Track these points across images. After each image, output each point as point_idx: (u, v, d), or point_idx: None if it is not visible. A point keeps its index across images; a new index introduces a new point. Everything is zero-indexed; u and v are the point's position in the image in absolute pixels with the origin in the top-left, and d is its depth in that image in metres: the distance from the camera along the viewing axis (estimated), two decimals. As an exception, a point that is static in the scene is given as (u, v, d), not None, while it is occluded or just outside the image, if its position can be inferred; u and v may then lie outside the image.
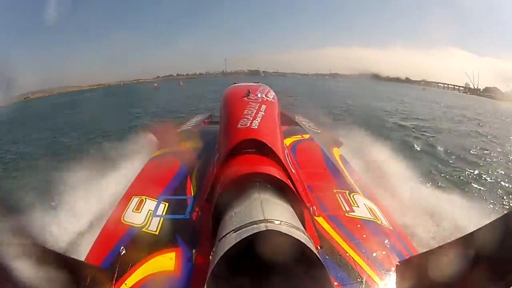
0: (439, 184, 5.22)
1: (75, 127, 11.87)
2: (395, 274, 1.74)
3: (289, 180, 2.09)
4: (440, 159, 7.10)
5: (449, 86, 53.02)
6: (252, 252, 1.45)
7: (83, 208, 3.28)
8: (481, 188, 5.42)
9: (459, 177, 5.95)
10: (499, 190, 5.39)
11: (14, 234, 1.17)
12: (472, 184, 5.60)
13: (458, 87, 51.60)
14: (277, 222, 1.36)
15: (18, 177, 6.04)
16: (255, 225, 1.34)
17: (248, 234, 1.30)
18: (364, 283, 1.70)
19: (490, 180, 5.88)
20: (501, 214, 1.22)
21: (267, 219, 1.38)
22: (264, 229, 1.31)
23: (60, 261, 1.35)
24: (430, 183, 4.91)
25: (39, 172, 5.60)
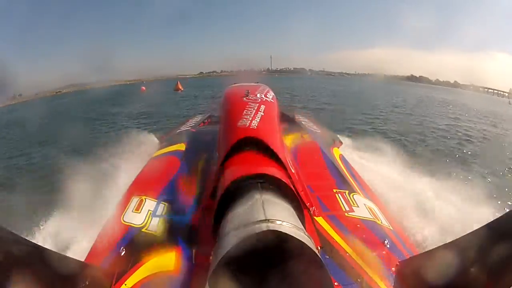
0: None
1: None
2: (395, 274, 1.75)
3: (289, 180, 2.09)
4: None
5: (494, 91, 47.27)
6: (252, 252, 1.45)
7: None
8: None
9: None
10: None
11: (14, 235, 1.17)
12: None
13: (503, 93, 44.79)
14: (278, 222, 1.36)
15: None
16: (256, 225, 1.34)
17: (249, 234, 1.29)
18: (364, 283, 1.70)
19: None
20: (502, 214, 1.22)
21: (268, 219, 1.38)
22: (266, 229, 1.31)
23: (59, 261, 1.35)
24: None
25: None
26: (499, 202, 4.46)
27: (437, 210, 3.45)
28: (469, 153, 8.10)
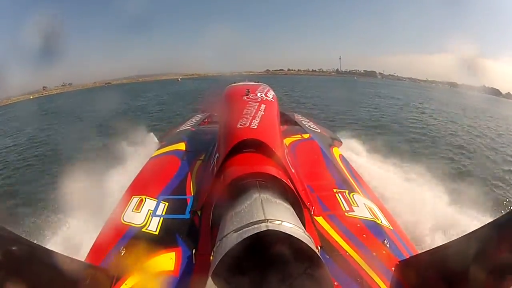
0: None
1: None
2: (395, 274, 1.75)
3: (288, 180, 2.08)
4: None
5: None
6: (253, 252, 1.44)
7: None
8: None
9: None
10: None
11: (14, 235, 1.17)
12: None
13: None
14: (277, 222, 1.36)
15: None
16: (256, 225, 1.34)
17: (249, 234, 1.29)
18: (364, 283, 1.70)
19: None
20: (502, 214, 1.22)
21: (267, 219, 1.38)
22: (265, 229, 1.31)
23: (60, 261, 1.34)
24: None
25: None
26: None
27: None
28: None
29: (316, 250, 1.36)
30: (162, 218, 2.18)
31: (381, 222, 2.21)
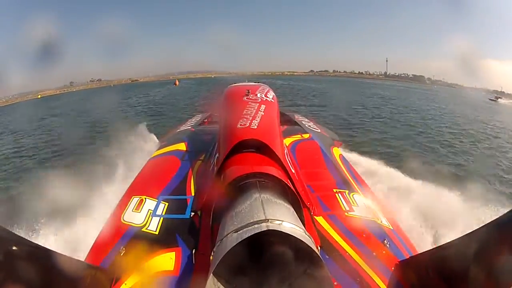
0: None
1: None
2: (395, 274, 1.75)
3: (288, 180, 2.08)
4: None
5: None
6: (253, 252, 1.44)
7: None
8: None
9: None
10: None
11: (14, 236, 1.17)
12: None
13: None
14: (278, 222, 1.36)
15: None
16: (256, 225, 1.34)
17: (250, 234, 1.29)
18: (364, 283, 1.70)
19: None
20: (502, 214, 1.22)
21: (268, 219, 1.38)
22: (265, 229, 1.31)
23: (60, 261, 1.34)
24: None
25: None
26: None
27: None
28: None
29: (316, 250, 1.36)
30: (162, 218, 2.18)
31: (381, 222, 2.21)
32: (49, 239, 3.17)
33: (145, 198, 2.38)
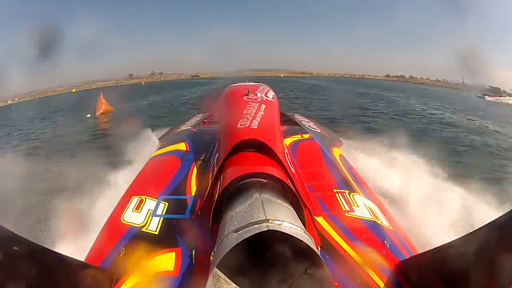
0: None
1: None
2: (395, 274, 1.75)
3: (289, 180, 2.08)
4: None
5: None
6: (253, 252, 1.44)
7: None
8: None
9: None
10: None
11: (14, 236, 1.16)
12: None
13: None
14: (278, 222, 1.36)
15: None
16: (256, 225, 1.34)
17: (250, 235, 1.29)
18: (364, 283, 1.70)
19: None
20: (502, 214, 1.22)
21: (268, 219, 1.37)
22: (266, 229, 1.31)
23: (60, 261, 1.34)
24: None
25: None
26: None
27: None
28: None
29: (317, 251, 1.36)
30: (162, 218, 2.18)
31: (381, 222, 2.21)
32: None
33: (145, 198, 2.38)
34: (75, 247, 2.48)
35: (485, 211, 3.68)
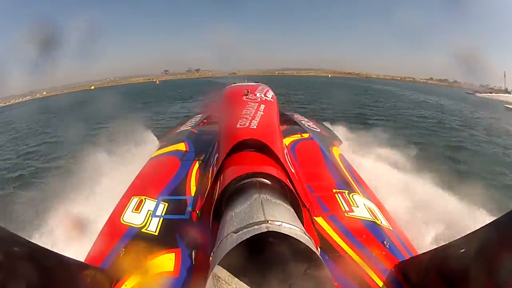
0: None
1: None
2: (395, 274, 1.75)
3: (288, 180, 2.08)
4: None
5: None
6: (253, 253, 1.44)
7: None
8: None
9: None
10: None
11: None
12: None
13: None
14: (278, 223, 1.36)
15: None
16: (256, 226, 1.34)
17: (249, 236, 1.29)
18: (364, 283, 1.70)
19: None
20: (502, 214, 1.22)
21: (268, 220, 1.37)
22: (265, 230, 1.31)
23: (60, 261, 1.34)
24: None
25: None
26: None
27: None
28: None
29: (317, 252, 1.36)
30: (161, 219, 2.18)
31: (381, 223, 2.21)
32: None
33: (145, 199, 2.38)
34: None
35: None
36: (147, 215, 2.20)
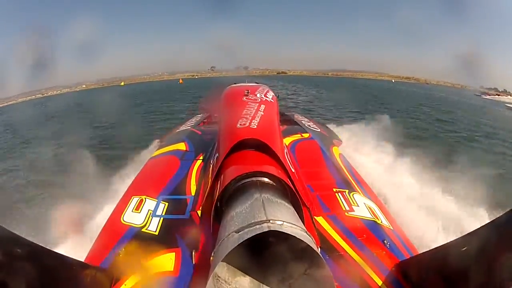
0: None
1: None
2: (395, 274, 1.75)
3: (289, 179, 2.08)
4: None
5: None
6: (254, 252, 1.44)
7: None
8: None
9: None
10: None
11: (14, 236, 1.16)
12: None
13: None
14: (279, 223, 1.36)
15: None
16: (257, 226, 1.33)
17: (251, 235, 1.29)
18: (364, 283, 1.70)
19: None
20: (502, 213, 1.22)
21: (269, 219, 1.37)
22: (267, 229, 1.31)
23: (60, 261, 1.34)
24: None
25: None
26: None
27: None
28: None
29: (318, 251, 1.36)
30: (162, 218, 2.18)
31: (381, 222, 2.21)
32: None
33: (145, 198, 2.38)
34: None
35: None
36: (147, 215, 2.20)
